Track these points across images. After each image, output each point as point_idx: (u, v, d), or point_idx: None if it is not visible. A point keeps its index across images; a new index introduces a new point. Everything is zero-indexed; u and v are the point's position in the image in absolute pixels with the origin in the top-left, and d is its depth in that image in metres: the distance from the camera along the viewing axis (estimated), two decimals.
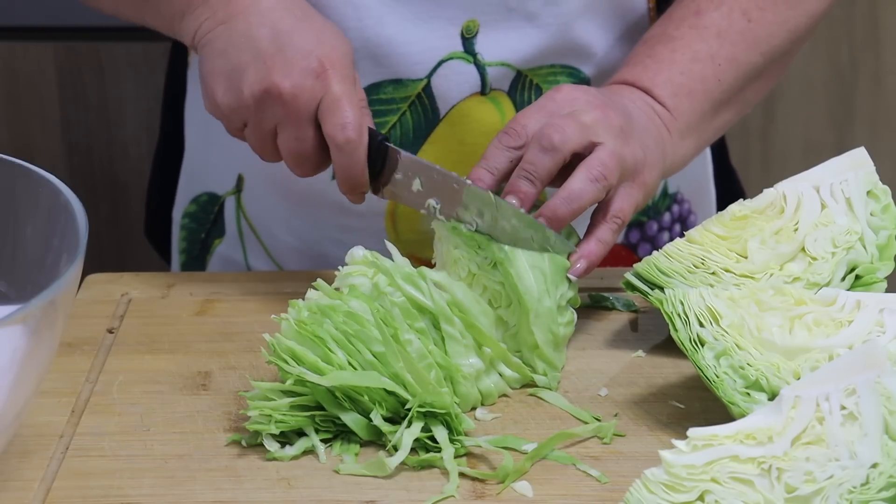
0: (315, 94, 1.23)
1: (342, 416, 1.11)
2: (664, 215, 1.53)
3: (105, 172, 2.32)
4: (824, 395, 0.99)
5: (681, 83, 1.33)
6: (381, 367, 1.12)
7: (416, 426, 1.10)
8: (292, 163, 1.26)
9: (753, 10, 1.36)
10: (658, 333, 1.27)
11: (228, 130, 1.29)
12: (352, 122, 1.22)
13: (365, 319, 1.12)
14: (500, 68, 1.40)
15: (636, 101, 1.31)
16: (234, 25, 1.26)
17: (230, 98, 1.25)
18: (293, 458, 1.10)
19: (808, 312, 1.13)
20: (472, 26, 1.39)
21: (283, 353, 1.12)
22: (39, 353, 1.00)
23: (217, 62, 1.26)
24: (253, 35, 1.25)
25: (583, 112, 1.23)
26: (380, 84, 1.39)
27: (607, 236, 1.23)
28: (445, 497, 1.06)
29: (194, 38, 1.29)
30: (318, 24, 1.27)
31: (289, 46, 1.24)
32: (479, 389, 1.17)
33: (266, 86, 1.23)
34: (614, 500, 1.05)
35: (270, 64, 1.23)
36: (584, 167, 1.22)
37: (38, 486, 1.08)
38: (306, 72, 1.23)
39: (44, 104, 2.28)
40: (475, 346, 1.17)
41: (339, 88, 1.23)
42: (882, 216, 1.23)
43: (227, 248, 1.52)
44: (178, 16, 1.30)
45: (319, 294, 1.16)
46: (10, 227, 1.11)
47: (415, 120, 1.41)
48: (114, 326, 1.30)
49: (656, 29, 1.37)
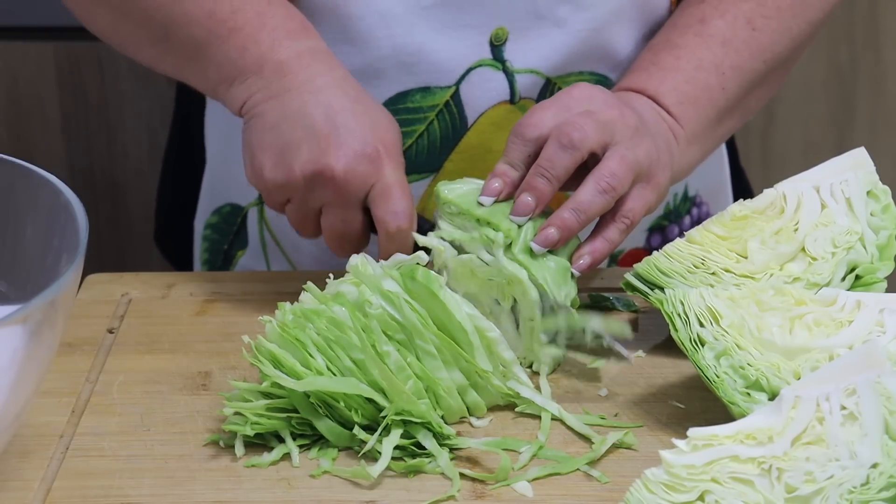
0: (367, 180, 1.23)
1: (316, 423, 1.11)
2: (684, 218, 1.53)
3: (105, 172, 2.32)
4: (824, 395, 0.99)
5: (686, 92, 1.33)
6: (360, 374, 1.11)
7: (394, 434, 1.10)
8: (334, 243, 1.27)
9: (757, 19, 1.36)
10: (658, 333, 1.27)
11: (268, 203, 1.28)
12: (404, 211, 1.23)
13: (346, 326, 1.12)
14: (530, 76, 1.40)
15: (645, 107, 1.31)
16: (288, 101, 1.26)
17: (279, 174, 1.25)
18: (272, 463, 1.10)
19: (809, 312, 1.13)
20: (501, 34, 1.38)
21: (264, 355, 1.12)
22: (39, 353, 1.00)
23: (267, 136, 1.26)
24: (307, 112, 1.24)
25: (600, 111, 1.23)
26: (408, 92, 1.39)
27: (614, 236, 1.23)
28: (446, 497, 1.06)
29: (243, 108, 1.28)
30: (371, 107, 1.27)
31: (343, 127, 1.24)
32: (466, 402, 1.15)
33: (319, 167, 1.23)
34: (614, 500, 1.05)
35: (325, 144, 1.23)
36: (593, 178, 1.22)
37: (38, 486, 1.08)
38: (361, 156, 1.23)
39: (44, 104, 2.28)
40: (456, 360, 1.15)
41: (392, 175, 1.24)
42: (882, 216, 1.23)
43: (251, 260, 1.51)
44: (227, 82, 1.29)
45: (310, 297, 1.16)
46: (10, 227, 1.11)
47: (442, 128, 1.40)
48: (114, 326, 1.30)
49: (661, 36, 1.37)
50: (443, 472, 1.08)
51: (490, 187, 1.22)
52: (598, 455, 1.09)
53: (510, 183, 1.22)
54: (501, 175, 1.22)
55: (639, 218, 1.24)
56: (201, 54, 1.29)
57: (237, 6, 1.28)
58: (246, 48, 1.27)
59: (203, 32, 1.29)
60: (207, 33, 1.29)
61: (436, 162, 1.41)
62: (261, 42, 1.27)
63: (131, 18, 1.32)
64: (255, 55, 1.27)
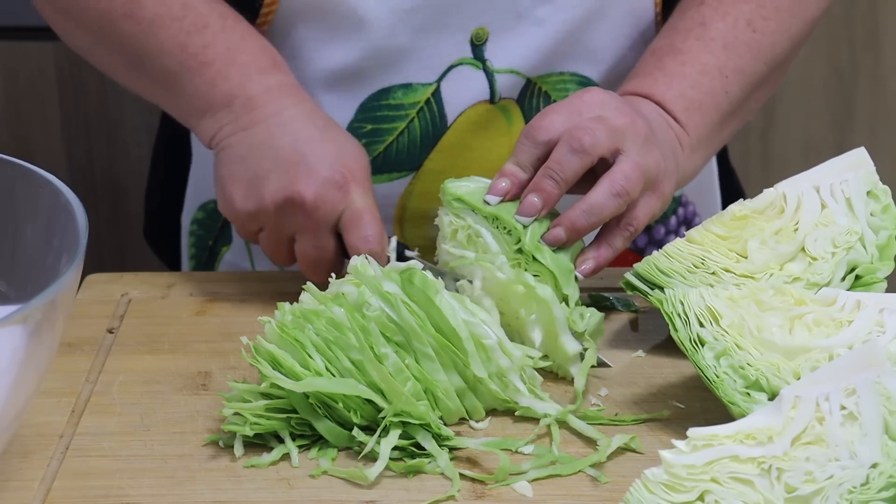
0: (337, 205, 1.25)
1: (315, 424, 1.11)
2: (670, 218, 1.53)
3: (105, 172, 2.32)
4: (824, 395, 0.99)
5: (692, 97, 1.33)
6: (359, 375, 1.11)
7: (392, 434, 1.10)
8: (308, 269, 1.28)
9: (757, 20, 1.36)
10: (658, 333, 1.27)
11: (241, 233, 1.30)
12: (374, 236, 1.25)
13: (345, 327, 1.12)
14: (510, 76, 1.40)
15: (652, 113, 1.31)
16: (256, 133, 1.28)
17: (250, 203, 1.27)
18: (272, 463, 1.10)
19: (808, 312, 1.13)
20: (481, 34, 1.38)
21: (263, 356, 1.12)
22: (39, 353, 1.00)
23: (236, 167, 1.28)
24: (274, 144, 1.27)
25: (611, 117, 1.23)
26: (389, 89, 1.40)
27: (618, 243, 1.24)
28: (445, 497, 1.06)
29: (212, 140, 1.31)
30: (338, 136, 1.29)
31: (311, 155, 1.26)
32: (464, 405, 1.15)
33: (289, 194, 1.25)
34: (614, 500, 1.05)
35: (293, 173, 1.25)
36: (607, 180, 1.22)
37: (38, 486, 1.08)
38: (329, 182, 1.25)
39: (44, 104, 2.28)
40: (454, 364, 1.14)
41: (360, 200, 1.25)
42: (882, 216, 1.23)
43: (235, 256, 1.52)
44: (197, 114, 1.31)
45: (310, 298, 1.16)
46: (10, 227, 1.11)
47: (422, 126, 1.41)
48: (114, 326, 1.30)
49: (663, 40, 1.37)
50: (443, 472, 1.08)
51: (497, 187, 1.22)
52: (604, 458, 1.09)
53: (517, 184, 1.22)
54: (509, 175, 1.23)
55: (642, 226, 1.25)
56: (173, 85, 1.32)
57: (209, 40, 1.30)
58: (216, 83, 1.30)
59: (175, 64, 1.31)
60: (179, 66, 1.31)
61: (416, 160, 1.42)
62: (231, 78, 1.30)
63: (107, 44, 1.35)
64: (224, 90, 1.30)
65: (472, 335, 1.13)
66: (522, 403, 1.15)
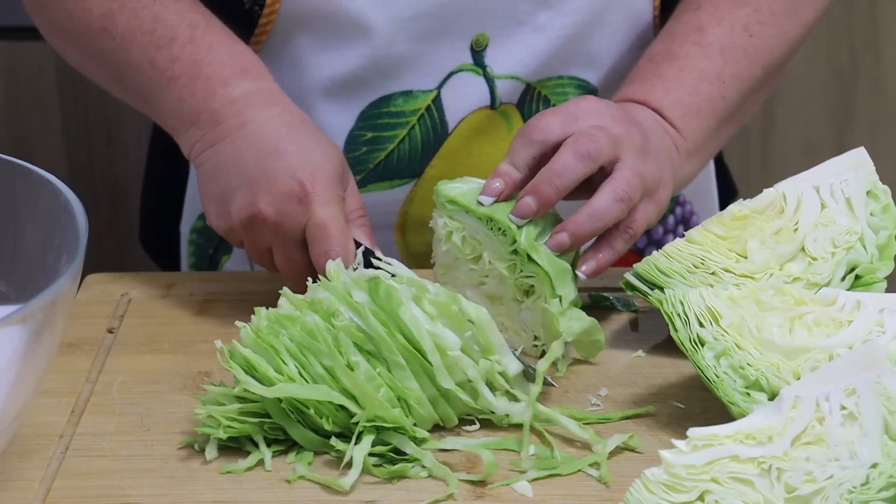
0: (299, 219, 1.24)
1: (288, 429, 1.10)
2: (668, 218, 1.53)
3: (105, 172, 2.32)
4: (824, 395, 0.99)
5: (689, 103, 1.33)
6: (332, 381, 1.11)
7: (366, 441, 1.09)
8: (288, 279, 1.27)
9: (754, 25, 1.36)
10: (658, 333, 1.27)
11: (231, 244, 1.31)
12: (336, 249, 1.22)
13: (318, 333, 1.11)
14: (510, 81, 1.40)
15: (649, 120, 1.31)
16: (222, 149, 1.28)
17: (222, 222, 1.27)
18: (248, 469, 1.09)
19: (808, 312, 1.13)
20: (481, 40, 1.38)
21: (237, 360, 1.12)
22: (39, 353, 1.00)
23: (208, 186, 1.28)
24: (238, 160, 1.26)
25: (610, 126, 1.23)
26: (390, 97, 1.39)
27: (620, 246, 1.24)
28: (445, 497, 1.06)
29: (189, 156, 1.31)
30: (304, 139, 1.27)
31: (271, 171, 1.24)
32: (437, 413, 1.13)
33: (252, 212, 1.25)
34: (614, 500, 1.05)
35: (255, 190, 1.25)
36: (610, 186, 1.21)
37: (38, 486, 1.08)
38: (289, 197, 1.24)
39: (44, 104, 2.28)
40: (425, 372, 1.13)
41: (321, 212, 1.23)
42: (882, 216, 1.23)
43: (236, 265, 1.52)
44: (173, 130, 1.32)
45: (286, 303, 1.15)
46: (10, 227, 1.11)
47: (423, 133, 1.40)
48: (114, 326, 1.30)
49: (660, 45, 1.37)
50: (431, 473, 1.08)
51: (491, 187, 1.22)
52: (602, 459, 1.09)
53: (512, 184, 1.22)
54: (503, 175, 1.22)
55: (641, 231, 1.25)
56: (149, 101, 1.33)
57: (176, 54, 1.30)
58: (184, 99, 1.30)
59: (147, 80, 1.32)
60: (150, 81, 1.31)
61: (417, 167, 1.42)
62: (196, 93, 1.29)
63: (91, 59, 1.36)
64: (191, 106, 1.29)
65: (436, 346, 1.12)
66: (499, 411, 1.14)
